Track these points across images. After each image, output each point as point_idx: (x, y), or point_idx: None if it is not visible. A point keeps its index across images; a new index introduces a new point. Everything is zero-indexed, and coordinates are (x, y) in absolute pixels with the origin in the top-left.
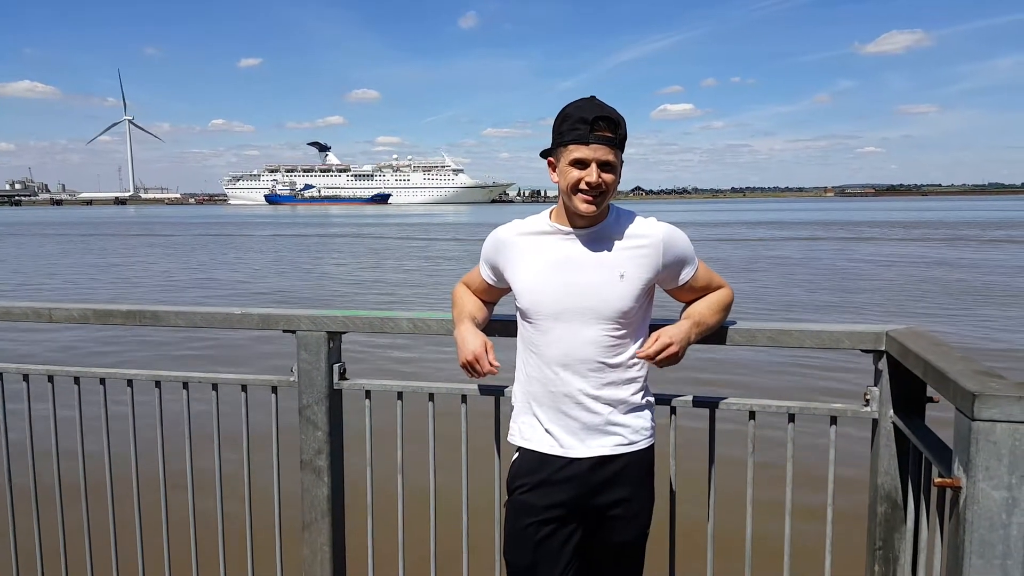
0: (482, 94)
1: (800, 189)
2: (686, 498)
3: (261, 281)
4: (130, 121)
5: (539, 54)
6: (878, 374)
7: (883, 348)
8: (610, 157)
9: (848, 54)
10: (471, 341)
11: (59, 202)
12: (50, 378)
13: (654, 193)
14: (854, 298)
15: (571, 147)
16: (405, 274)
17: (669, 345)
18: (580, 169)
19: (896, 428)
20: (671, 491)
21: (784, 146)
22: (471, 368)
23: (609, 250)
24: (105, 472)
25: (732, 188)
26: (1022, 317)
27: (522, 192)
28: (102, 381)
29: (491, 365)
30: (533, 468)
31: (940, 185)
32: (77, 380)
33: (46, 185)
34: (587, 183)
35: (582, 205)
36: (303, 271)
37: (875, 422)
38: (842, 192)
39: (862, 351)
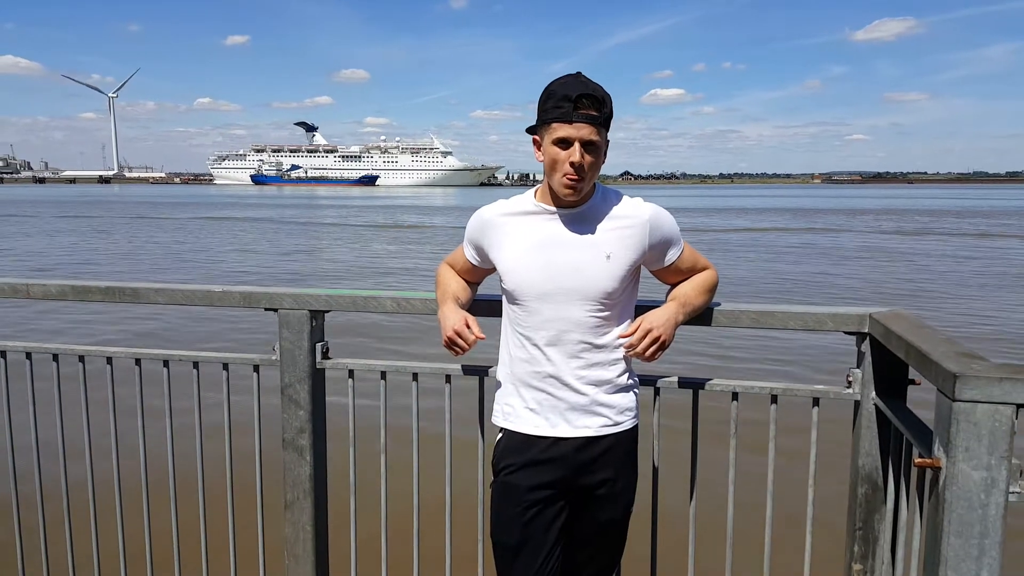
0: (472, 75)
1: (788, 176)
2: (669, 477)
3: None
4: (111, 97)
5: (530, 35)
6: (861, 356)
7: (866, 330)
8: (593, 136)
9: (839, 40)
10: (451, 318)
11: (42, 180)
12: (27, 355)
13: (643, 178)
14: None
15: (554, 125)
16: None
17: (650, 331)
18: (563, 148)
19: (878, 410)
20: (654, 470)
21: (773, 132)
22: (453, 344)
23: (595, 230)
24: (85, 451)
25: (720, 174)
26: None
27: (511, 175)
28: (81, 359)
29: (475, 336)
30: (519, 449)
31: (926, 173)
32: (55, 357)
33: (28, 163)
34: (570, 163)
35: (563, 188)
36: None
37: (857, 404)
38: (829, 179)
39: (845, 333)
